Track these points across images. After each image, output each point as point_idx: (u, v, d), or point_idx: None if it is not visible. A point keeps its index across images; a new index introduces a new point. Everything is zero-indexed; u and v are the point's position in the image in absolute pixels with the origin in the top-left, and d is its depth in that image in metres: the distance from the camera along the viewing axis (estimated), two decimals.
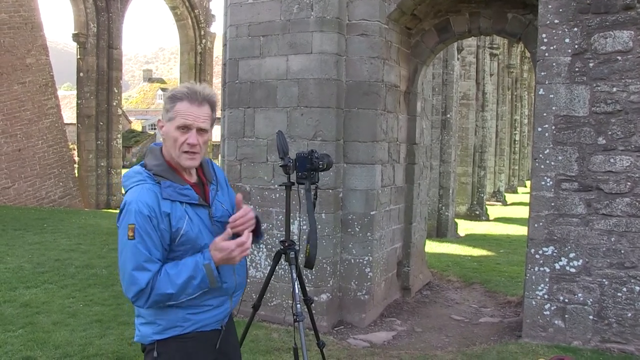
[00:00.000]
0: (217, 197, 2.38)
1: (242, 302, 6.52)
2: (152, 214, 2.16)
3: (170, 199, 2.20)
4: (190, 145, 2.20)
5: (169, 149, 2.26)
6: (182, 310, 2.26)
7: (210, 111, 2.27)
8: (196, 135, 2.21)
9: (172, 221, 2.19)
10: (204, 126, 2.23)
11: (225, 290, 2.34)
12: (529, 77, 32.93)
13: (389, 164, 6.50)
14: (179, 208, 2.22)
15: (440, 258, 10.22)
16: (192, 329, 2.28)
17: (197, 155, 2.24)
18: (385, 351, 5.29)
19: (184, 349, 2.29)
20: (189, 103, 2.20)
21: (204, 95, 2.23)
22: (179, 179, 2.26)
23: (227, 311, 2.40)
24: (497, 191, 25.59)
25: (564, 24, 5.16)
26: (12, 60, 16.54)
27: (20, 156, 16.70)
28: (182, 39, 23.91)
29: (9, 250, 8.84)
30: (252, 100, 6.17)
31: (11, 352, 4.77)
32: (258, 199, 6.16)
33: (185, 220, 2.21)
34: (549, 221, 5.27)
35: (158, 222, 2.16)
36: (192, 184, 2.31)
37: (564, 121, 5.19)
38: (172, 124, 2.21)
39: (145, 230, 2.14)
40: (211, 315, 2.32)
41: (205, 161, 2.42)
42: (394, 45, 6.43)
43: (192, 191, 2.26)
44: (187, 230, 2.21)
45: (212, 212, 2.32)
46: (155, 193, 2.19)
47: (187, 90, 2.22)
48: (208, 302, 2.30)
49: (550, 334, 5.28)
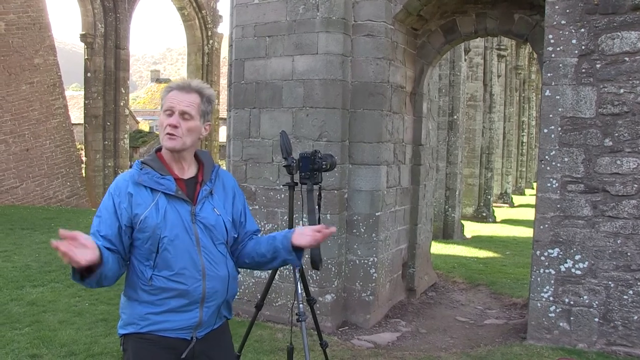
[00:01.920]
0: (211, 200, 2.33)
1: (247, 302, 6.57)
2: (116, 193, 2.24)
3: (144, 184, 2.24)
4: (171, 127, 2.24)
5: (160, 137, 2.33)
6: (140, 306, 2.25)
7: (198, 100, 2.30)
8: (178, 117, 2.25)
9: (133, 204, 2.22)
10: (186, 109, 2.26)
11: (186, 293, 2.22)
12: (536, 79, 32.79)
13: (395, 164, 6.50)
14: (147, 195, 2.23)
15: (446, 259, 10.19)
16: (149, 329, 2.23)
17: (178, 138, 2.25)
18: (389, 352, 5.28)
19: (142, 350, 2.26)
20: (177, 91, 2.29)
21: (193, 85, 2.32)
22: (164, 170, 2.29)
23: (195, 320, 2.25)
24: (504, 193, 25.49)
25: (571, 25, 5.14)
26: (21, 60, 16.64)
27: (28, 156, 16.79)
28: (189, 39, 23.96)
29: (16, 249, 8.90)
30: (258, 100, 6.18)
31: (18, 349, 4.81)
32: (263, 200, 6.17)
33: (148, 208, 2.21)
34: (554, 223, 5.25)
35: (120, 201, 2.22)
36: (180, 179, 2.31)
37: (570, 123, 5.17)
38: (162, 112, 2.31)
39: (104, 206, 2.25)
40: (173, 319, 2.23)
41: (208, 163, 2.41)
42: (399, 46, 6.42)
43: (171, 183, 2.25)
44: (147, 216, 2.20)
45: (195, 209, 2.27)
46: (130, 176, 2.27)
47: (180, 82, 2.33)
48: (166, 302, 2.23)
49: (555, 336, 5.25)
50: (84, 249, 1.96)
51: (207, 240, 2.28)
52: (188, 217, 2.25)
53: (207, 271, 2.25)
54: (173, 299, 2.22)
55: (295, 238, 2.36)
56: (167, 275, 2.21)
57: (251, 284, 6.27)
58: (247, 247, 2.48)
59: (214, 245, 2.30)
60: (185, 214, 2.25)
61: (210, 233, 2.29)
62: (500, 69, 20.44)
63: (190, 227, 2.25)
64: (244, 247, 2.48)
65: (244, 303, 6.25)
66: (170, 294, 2.22)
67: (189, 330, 2.26)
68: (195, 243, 2.25)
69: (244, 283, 6.31)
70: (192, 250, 2.24)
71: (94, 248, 2.01)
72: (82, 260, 1.94)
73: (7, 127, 16.29)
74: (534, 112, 33.07)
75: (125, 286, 2.32)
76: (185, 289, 2.22)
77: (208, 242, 2.28)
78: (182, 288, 2.22)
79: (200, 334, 2.30)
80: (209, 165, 2.40)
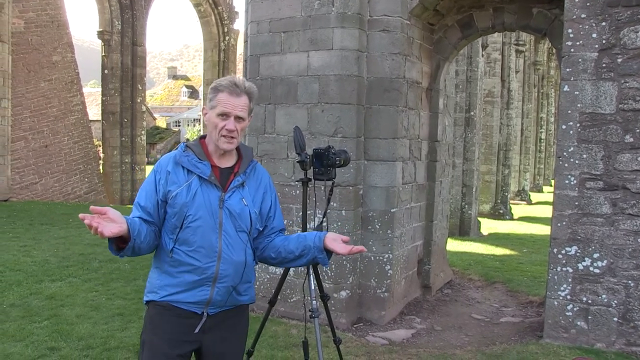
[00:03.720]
0: (241, 191, 2.50)
1: (262, 298, 6.56)
2: (158, 169, 2.48)
3: (182, 165, 2.45)
4: (228, 131, 2.43)
5: (210, 133, 2.50)
6: (162, 276, 2.47)
7: (248, 102, 2.49)
8: (234, 122, 2.44)
9: (169, 181, 2.43)
10: (241, 115, 2.45)
11: (199, 270, 2.40)
12: (555, 75, 32.40)
13: (410, 161, 6.45)
14: (183, 175, 2.44)
15: (462, 257, 10.13)
16: (166, 299, 2.45)
17: (234, 139, 2.46)
18: (404, 349, 5.25)
19: (156, 315, 2.47)
20: (229, 94, 2.44)
21: (242, 87, 2.47)
22: (204, 156, 2.48)
23: (206, 297, 2.43)
24: (521, 190, 25.27)
25: (591, 19, 5.05)
26: (39, 57, 16.84)
27: (47, 152, 17.00)
28: (206, 36, 24.04)
29: (35, 245, 9.01)
30: (273, 96, 6.17)
31: (37, 342, 4.89)
32: (278, 195, 6.14)
33: (181, 187, 2.41)
34: (572, 220, 5.18)
35: (160, 177, 2.46)
36: (216, 166, 2.49)
37: (589, 119, 5.09)
38: (213, 112, 2.45)
39: (147, 181, 2.50)
40: (186, 292, 2.42)
41: (247, 157, 2.58)
42: (415, 42, 6.37)
43: (207, 168, 2.45)
44: (178, 194, 2.41)
45: (224, 196, 2.44)
46: (173, 156, 2.49)
47: (229, 82, 2.47)
48: (182, 275, 2.42)
49: (573, 335, 5.18)
50: (111, 222, 2.17)
51: (229, 226, 2.44)
52: (216, 202, 2.43)
53: (223, 254, 2.42)
54: (187, 274, 2.42)
55: (329, 242, 2.53)
56: (185, 250, 2.41)
57: (266, 279, 6.28)
58: (275, 242, 2.62)
59: (235, 232, 2.46)
60: (214, 198, 2.43)
61: (235, 220, 2.45)
62: (518, 64, 20.22)
63: (216, 211, 2.43)
64: (271, 242, 2.63)
65: (259, 299, 6.24)
66: (186, 268, 2.41)
67: (200, 305, 2.44)
68: (218, 226, 2.42)
69: (259, 279, 6.31)
70: (213, 232, 2.41)
71: (121, 222, 2.21)
72: (107, 232, 2.13)
73: (26, 124, 16.50)
74: (553, 108, 32.67)
75: (154, 255, 2.54)
76: (198, 265, 2.40)
77: (230, 228, 2.44)
78: (196, 264, 2.40)
79: (211, 311, 2.47)
80: (247, 159, 2.57)
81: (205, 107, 2.53)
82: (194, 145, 2.52)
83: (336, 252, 2.51)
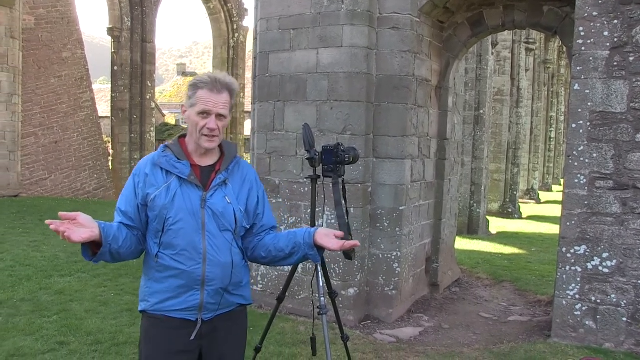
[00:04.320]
0: (224, 189, 2.40)
1: (270, 295, 6.59)
2: (137, 172, 2.41)
3: (161, 166, 2.37)
4: (209, 130, 2.34)
5: (190, 132, 2.40)
6: (150, 282, 2.40)
7: (229, 98, 2.39)
8: (215, 120, 2.34)
9: (147, 184, 2.36)
10: (222, 112, 2.36)
11: (185, 274, 2.32)
12: (566, 73, 32.19)
13: (419, 159, 6.44)
14: (162, 176, 2.36)
15: (471, 255, 10.10)
16: (157, 308, 2.36)
17: (216, 138, 2.38)
18: (411, 347, 5.25)
19: (151, 328, 2.41)
20: (209, 91, 2.34)
21: (223, 83, 2.37)
22: (183, 155, 2.40)
23: (196, 302, 2.34)
24: (530, 189, 25.16)
25: (603, 16, 5.01)
26: (50, 54, 16.93)
27: (56, 148, 17.09)
28: (215, 33, 24.08)
29: (45, 240, 9.07)
30: (282, 93, 6.17)
31: (47, 336, 4.94)
32: (287, 193, 6.17)
33: (160, 189, 2.33)
34: (581, 220, 5.15)
35: (139, 180, 2.38)
36: (196, 165, 2.41)
37: (599, 117, 5.06)
38: (193, 110, 2.36)
39: (127, 185, 2.42)
40: (176, 298, 2.34)
41: (229, 154, 2.48)
42: (425, 39, 6.36)
43: (186, 167, 2.36)
44: (157, 196, 2.33)
45: (205, 195, 2.35)
46: (151, 158, 2.42)
47: (208, 78, 2.36)
48: (169, 280, 2.34)
49: (581, 335, 5.16)
50: (81, 227, 2.10)
51: (213, 226, 2.35)
52: (197, 202, 2.34)
53: (209, 255, 2.33)
54: (174, 278, 2.33)
55: (320, 237, 2.42)
56: (170, 254, 2.33)
57: (274, 276, 6.29)
58: (265, 240, 2.52)
59: (220, 232, 2.36)
60: (195, 198, 2.34)
61: (218, 220, 2.36)
62: (528, 62, 20.11)
63: (198, 211, 2.33)
64: (261, 240, 2.53)
65: (267, 296, 6.27)
66: (172, 272, 2.33)
67: (193, 311, 2.35)
68: (201, 227, 2.33)
69: (267, 276, 6.33)
70: (196, 234, 2.32)
71: (92, 227, 2.14)
72: (77, 237, 2.06)
73: (36, 120, 16.60)
74: (563, 107, 32.50)
75: (143, 262, 2.47)
76: (184, 269, 2.32)
77: (214, 228, 2.35)
78: (181, 268, 2.32)
79: (206, 317, 2.38)
80: (229, 156, 2.47)
81: (184, 105, 2.43)
82: (173, 145, 2.43)
83: (328, 248, 2.41)
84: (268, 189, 6.29)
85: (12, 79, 15.01)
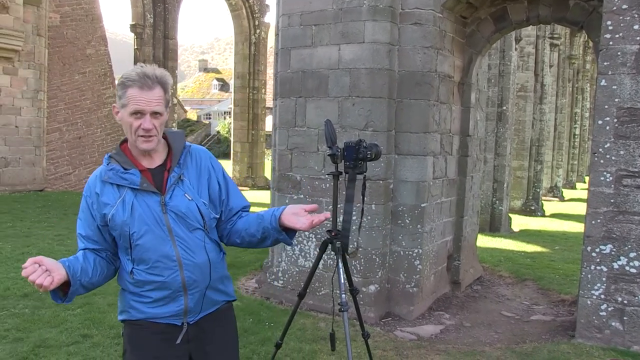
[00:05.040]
0: (181, 186, 2.25)
1: (290, 291, 6.57)
2: (88, 194, 2.25)
3: (109, 181, 2.21)
4: (145, 130, 2.16)
5: (127, 135, 2.23)
6: (129, 296, 2.27)
7: (162, 93, 2.20)
8: (150, 119, 2.16)
9: (100, 204, 2.20)
10: (157, 109, 2.17)
11: (165, 284, 2.21)
12: (591, 69, 31.69)
13: (441, 155, 6.39)
14: (114, 192, 2.20)
15: (493, 253, 10.00)
16: (139, 317, 2.26)
17: (154, 137, 2.19)
18: (432, 345, 5.21)
19: (134, 335, 2.29)
20: (139, 89, 2.14)
21: (153, 78, 2.18)
22: (129, 163, 2.23)
23: (181, 308, 2.24)
24: (554, 186, 24.82)
25: (633, 9, 4.89)
26: (74, 51, 17.14)
27: (80, 144, 17.31)
28: (237, 29, 24.14)
29: (69, 234, 9.20)
30: (304, 89, 6.16)
31: (70, 329, 5.03)
32: (308, 189, 6.16)
33: (115, 206, 2.18)
34: (607, 218, 5.06)
35: (92, 201, 2.23)
36: (146, 170, 2.24)
37: (627, 114, 4.96)
38: (125, 111, 2.17)
39: (81, 208, 2.27)
40: (160, 309, 2.24)
41: (177, 147, 2.31)
42: (448, 35, 6.29)
43: (135, 176, 2.19)
44: (114, 214, 2.18)
45: (164, 199, 2.20)
46: (99, 174, 2.25)
47: (137, 75, 2.16)
48: (150, 294, 2.23)
49: (607, 336, 5.07)
50: (49, 274, 1.98)
51: (180, 229, 2.21)
52: (158, 208, 2.20)
53: (183, 260, 2.21)
54: (155, 291, 2.22)
55: (287, 218, 2.27)
56: (144, 269, 2.20)
57: (294, 272, 6.29)
58: (237, 225, 2.38)
59: (189, 233, 2.23)
60: (154, 205, 2.20)
61: (183, 221, 2.22)
62: (552, 58, 19.81)
63: (161, 218, 2.19)
64: (234, 226, 2.39)
65: (287, 291, 6.27)
66: (151, 286, 2.21)
67: (178, 317, 2.26)
68: (168, 233, 2.19)
69: (288, 272, 6.33)
70: (165, 242, 2.19)
71: (58, 268, 2.03)
72: (51, 284, 1.97)
73: (61, 116, 16.83)
74: (588, 103, 31.99)
75: (117, 276, 2.34)
76: (162, 280, 2.20)
77: (182, 230, 2.21)
78: (160, 280, 2.20)
79: (191, 320, 2.29)
80: (177, 149, 2.30)
81: (116, 106, 2.22)
82: (117, 154, 2.25)
83: (296, 228, 2.26)
84: (289, 185, 6.30)
85: (37, 76, 15.24)
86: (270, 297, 6.37)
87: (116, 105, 2.22)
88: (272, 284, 6.48)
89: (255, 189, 22.82)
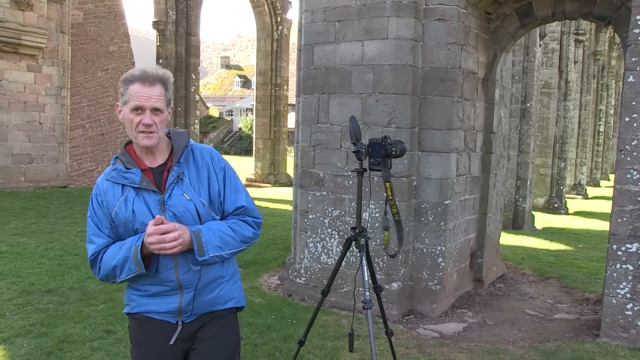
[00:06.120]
0: (181, 185, 2.29)
1: (313, 288, 6.59)
2: (97, 192, 2.33)
3: (112, 180, 2.29)
4: (145, 126, 2.21)
5: (129, 132, 2.28)
6: (130, 289, 2.39)
7: (163, 90, 2.26)
8: (150, 115, 2.21)
9: (107, 202, 2.29)
10: (157, 106, 2.23)
11: (163, 280, 2.28)
12: (617, 65, 31.18)
13: (465, 152, 6.34)
14: (118, 191, 2.28)
15: (516, 251, 9.91)
16: (138, 310, 2.37)
17: (154, 134, 2.24)
18: (455, 342, 5.19)
19: (134, 328, 2.41)
20: (140, 85, 2.21)
21: (154, 75, 2.24)
22: (132, 162, 2.30)
23: (175, 306, 2.30)
24: (577, 184, 24.48)
25: None
26: (97, 48, 17.34)
27: (103, 140, 17.53)
28: (259, 25, 24.17)
29: None
30: (327, 86, 6.16)
31: (94, 324, 5.09)
32: (331, 186, 6.16)
33: (118, 204, 2.27)
34: (634, 216, 4.98)
35: (102, 199, 2.31)
36: (147, 169, 2.30)
37: None
38: (127, 107, 2.23)
39: (93, 207, 2.34)
40: (156, 303, 2.32)
41: (178, 146, 2.35)
42: (472, 31, 6.24)
43: (136, 175, 2.26)
44: (117, 212, 2.26)
45: (163, 198, 2.26)
46: (106, 174, 2.34)
47: (138, 72, 2.24)
48: (145, 287, 2.33)
49: (633, 336, 5.00)
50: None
51: None
52: (157, 207, 2.26)
53: (179, 260, 2.26)
54: (152, 286, 2.31)
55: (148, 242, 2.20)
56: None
57: (317, 269, 6.30)
58: None
59: None
60: (154, 204, 2.26)
61: (180, 220, 2.25)
62: (577, 54, 19.51)
63: (159, 214, 2.22)
64: None
65: (310, 288, 6.29)
66: (148, 280, 2.30)
67: (173, 314, 2.33)
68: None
69: (310, 269, 6.35)
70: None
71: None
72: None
73: (84, 113, 17.05)
74: (613, 100, 31.49)
75: None
76: (162, 277, 2.29)
77: None
78: (161, 277, 2.29)
79: (187, 319, 2.34)
80: (179, 148, 2.34)
81: (119, 104, 2.28)
82: (122, 154, 2.33)
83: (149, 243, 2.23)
84: (312, 182, 6.30)
85: (61, 73, 15.45)
86: (293, 294, 6.39)
87: (119, 103, 2.28)
88: (295, 281, 6.50)
89: (277, 185, 22.89)
